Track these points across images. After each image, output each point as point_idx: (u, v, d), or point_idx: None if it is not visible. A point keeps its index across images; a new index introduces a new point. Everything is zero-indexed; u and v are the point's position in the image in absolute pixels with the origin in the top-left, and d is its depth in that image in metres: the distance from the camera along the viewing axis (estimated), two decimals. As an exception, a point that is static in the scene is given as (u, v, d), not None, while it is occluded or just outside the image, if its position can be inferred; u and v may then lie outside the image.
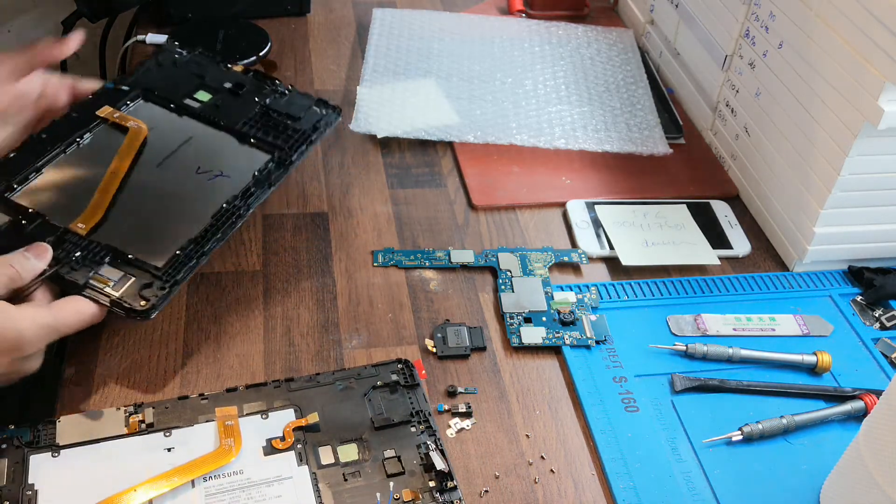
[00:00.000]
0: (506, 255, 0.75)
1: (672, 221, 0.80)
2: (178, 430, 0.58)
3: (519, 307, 0.70)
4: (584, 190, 0.84)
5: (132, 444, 0.57)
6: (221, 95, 0.79)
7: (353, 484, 0.56)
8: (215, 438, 0.57)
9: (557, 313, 0.69)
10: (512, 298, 0.71)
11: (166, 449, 0.57)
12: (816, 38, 0.72)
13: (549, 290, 0.72)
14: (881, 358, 0.69)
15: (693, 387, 0.65)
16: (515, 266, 0.74)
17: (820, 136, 0.72)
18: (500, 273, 0.73)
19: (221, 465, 0.56)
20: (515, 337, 0.68)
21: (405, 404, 0.61)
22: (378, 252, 0.75)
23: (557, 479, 0.59)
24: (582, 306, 0.70)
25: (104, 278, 0.61)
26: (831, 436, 0.63)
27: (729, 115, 0.88)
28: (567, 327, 0.69)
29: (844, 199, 0.72)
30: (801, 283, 0.76)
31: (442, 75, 0.97)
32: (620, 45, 1.05)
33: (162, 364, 0.64)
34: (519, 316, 0.69)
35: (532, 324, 0.69)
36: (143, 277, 0.62)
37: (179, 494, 0.54)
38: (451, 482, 0.56)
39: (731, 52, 0.86)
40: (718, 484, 0.59)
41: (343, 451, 0.58)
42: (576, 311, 0.70)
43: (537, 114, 0.92)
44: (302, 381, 0.62)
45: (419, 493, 0.56)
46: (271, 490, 0.55)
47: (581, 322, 0.69)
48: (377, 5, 1.10)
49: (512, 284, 0.72)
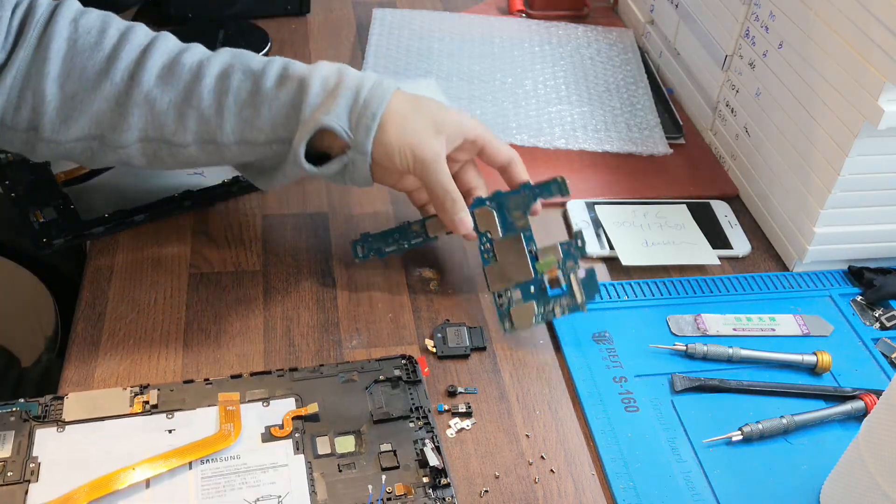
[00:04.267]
0: (482, 213, 0.69)
1: (672, 221, 0.80)
2: (180, 413, 0.59)
3: (505, 279, 0.67)
4: (584, 190, 0.84)
5: (135, 424, 0.58)
6: None
7: (347, 475, 0.56)
8: (216, 423, 0.58)
9: (544, 278, 0.67)
10: (496, 271, 0.68)
11: (167, 430, 0.58)
12: (816, 38, 0.72)
13: (533, 248, 0.68)
14: (881, 358, 0.69)
15: (693, 387, 0.65)
16: (494, 225, 0.69)
17: (820, 136, 0.72)
18: (480, 237, 0.69)
19: (219, 448, 0.56)
20: (507, 322, 0.67)
21: (405, 400, 0.61)
22: (356, 244, 0.73)
23: (557, 479, 0.59)
24: (569, 259, 0.67)
25: None
26: (831, 436, 0.63)
27: (729, 115, 0.88)
28: (555, 292, 0.66)
29: (844, 199, 0.72)
30: (801, 283, 0.76)
31: (442, 75, 0.97)
32: (620, 45, 1.05)
33: (162, 364, 0.64)
34: (508, 293, 0.67)
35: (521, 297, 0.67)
36: None
37: (177, 475, 0.55)
38: (444, 479, 0.56)
39: (731, 52, 0.86)
40: (718, 484, 0.59)
41: (340, 443, 0.58)
42: (563, 271, 0.67)
43: (537, 114, 0.92)
44: (305, 371, 0.63)
45: (412, 488, 0.56)
46: (266, 476, 0.56)
47: (570, 284, 0.67)
48: (377, 5, 1.10)
49: (494, 252, 0.68)
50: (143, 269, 0.71)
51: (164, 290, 0.70)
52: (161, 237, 0.74)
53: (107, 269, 0.71)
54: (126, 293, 0.69)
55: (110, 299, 0.68)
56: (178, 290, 0.70)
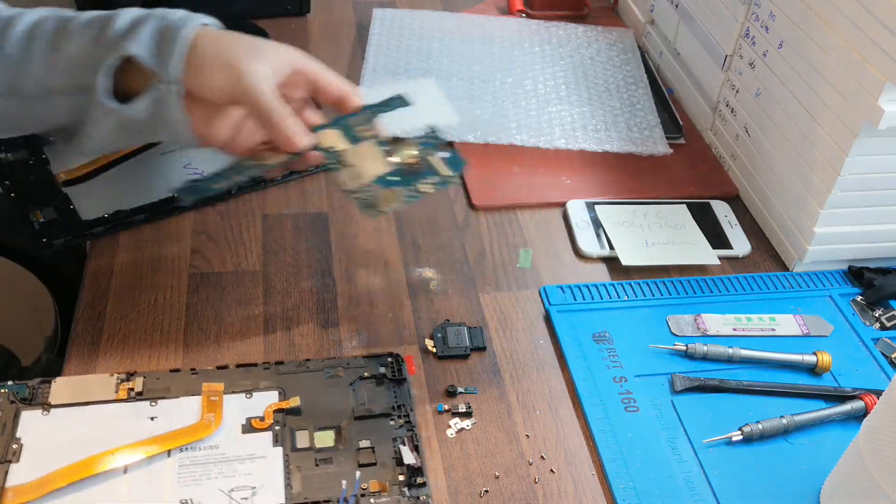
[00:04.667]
0: (324, 134, 0.62)
1: (672, 221, 0.80)
2: (164, 401, 0.59)
3: (362, 177, 0.61)
4: (584, 190, 0.84)
5: (118, 410, 0.59)
6: None
7: (323, 470, 0.56)
8: (198, 412, 0.59)
9: (406, 168, 0.61)
10: (350, 173, 0.61)
11: (150, 417, 0.58)
12: (816, 38, 0.72)
13: (387, 147, 0.63)
14: (881, 358, 0.69)
15: (693, 387, 0.65)
16: (339, 140, 0.63)
17: (820, 136, 0.72)
18: (326, 154, 0.62)
19: (199, 438, 0.57)
20: (372, 210, 0.61)
21: (389, 397, 0.61)
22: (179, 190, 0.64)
23: (557, 479, 0.59)
24: (428, 147, 0.63)
25: None
26: (831, 436, 0.63)
27: (729, 115, 0.88)
28: (421, 174, 0.61)
29: (844, 199, 0.72)
30: (801, 283, 0.76)
31: (442, 75, 0.97)
32: (620, 45, 1.05)
33: (162, 364, 0.64)
34: (368, 189, 0.61)
35: (381, 188, 0.61)
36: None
37: (155, 462, 0.56)
38: (420, 478, 0.56)
39: (731, 52, 0.86)
40: (718, 484, 0.59)
41: (319, 437, 0.58)
42: (424, 158, 0.62)
43: (537, 114, 0.92)
44: (292, 364, 0.63)
45: (387, 485, 0.56)
46: (243, 467, 0.56)
47: (432, 164, 0.62)
48: (377, 5, 1.10)
49: (344, 161, 0.62)
50: (143, 269, 0.71)
51: (164, 290, 0.70)
52: (161, 237, 0.74)
53: (107, 269, 0.71)
54: (126, 293, 0.69)
55: (110, 299, 0.68)
56: (178, 290, 0.70)
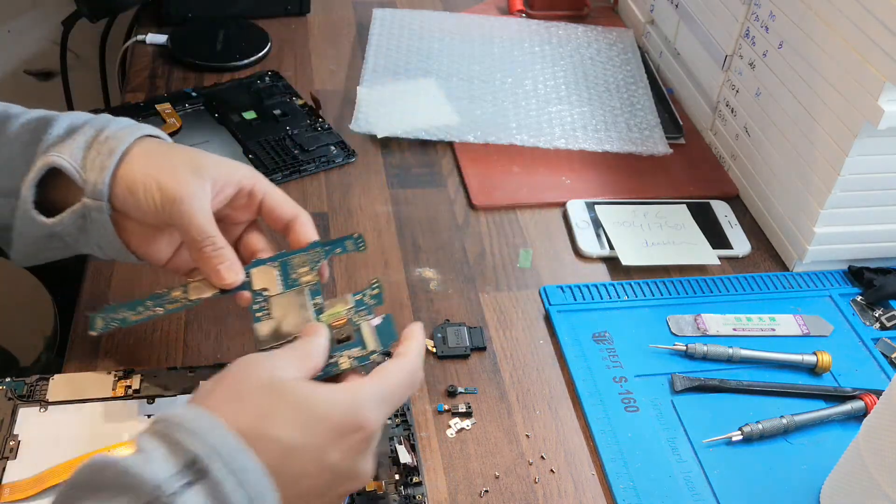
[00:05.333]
0: (261, 271, 0.57)
1: (672, 221, 0.80)
2: (161, 399, 0.59)
3: (278, 337, 0.54)
4: (584, 190, 0.84)
5: (115, 408, 0.59)
6: (265, 118, 0.88)
7: None
8: None
9: (331, 331, 0.53)
10: (269, 327, 0.55)
11: (146, 415, 0.58)
12: (816, 38, 0.72)
13: (319, 301, 0.56)
14: (881, 358, 0.69)
15: (693, 387, 0.65)
16: (274, 282, 0.57)
17: (820, 136, 0.72)
18: (255, 296, 0.56)
19: None
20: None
21: None
22: (95, 316, 0.55)
23: (557, 479, 0.59)
24: (361, 309, 0.56)
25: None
26: (831, 436, 0.63)
27: (729, 115, 0.88)
28: (345, 345, 0.53)
29: (844, 199, 0.72)
30: (801, 283, 0.76)
31: (442, 75, 0.97)
32: (620, 45, 1.05)
33: (162, 364, 0.64)
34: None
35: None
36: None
37: None
38: (416, 477, 0.56)
39: (731, 52, 0.86)
40: (718, 484, 0.59)
41: None
42: (353, 320, 0.55)
43: (537, 114, 0.92)
44: None
45: (383, 484, 0.56)
46: None
47: (360, 332, 0.54)
48: (377, 5, 1.10)
49: (270, 308, 0.56)
50: (143, 269, 0.71)
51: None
52: (161, 237, 0.74)
53: (107, 269, 0.71)
54: (126, 293, 0.69)
55: (110, 299, 0.68)
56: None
